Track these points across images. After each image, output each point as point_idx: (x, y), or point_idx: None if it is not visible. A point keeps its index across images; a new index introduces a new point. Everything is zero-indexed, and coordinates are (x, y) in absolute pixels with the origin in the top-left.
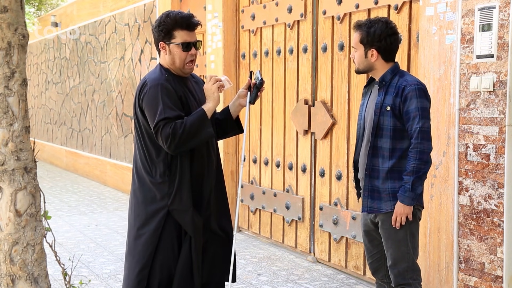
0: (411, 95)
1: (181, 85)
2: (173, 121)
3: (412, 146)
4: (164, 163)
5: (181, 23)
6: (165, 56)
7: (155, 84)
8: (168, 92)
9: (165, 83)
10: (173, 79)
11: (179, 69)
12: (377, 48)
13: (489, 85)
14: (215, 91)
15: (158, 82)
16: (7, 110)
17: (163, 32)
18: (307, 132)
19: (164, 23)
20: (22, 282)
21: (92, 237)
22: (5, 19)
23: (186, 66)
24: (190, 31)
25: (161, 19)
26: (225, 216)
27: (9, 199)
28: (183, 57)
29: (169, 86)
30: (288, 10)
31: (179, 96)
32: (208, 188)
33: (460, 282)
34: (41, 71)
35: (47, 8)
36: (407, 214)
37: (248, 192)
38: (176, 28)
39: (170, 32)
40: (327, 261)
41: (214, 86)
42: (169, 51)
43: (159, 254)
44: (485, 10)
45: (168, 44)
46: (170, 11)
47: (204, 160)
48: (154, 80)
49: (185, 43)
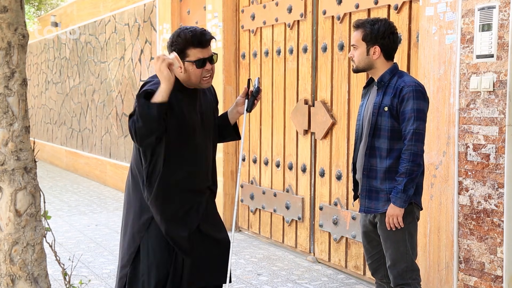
0: (408, 96)
1: (185, 95)
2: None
3: (405, 148)
4: (147, 169)
5: (193, 41)
6: (180, 74)
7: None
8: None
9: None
10: (178, 89)
11: (195, 85)
12: (381, 45)
13: (489, 85)
14: (164, 70)
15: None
16: (7, 110)
17: (176, 51)
18: (307, 132)
19: (176, 43)
20: (22, 282)
21: (92, 237)
22: (5, 19)
23: (203, 80)
24: (203, 48)
25: (173, 39)
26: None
27: (9, 199)
28: (198, 74)
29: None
30: (288, 10)
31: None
32: (199, 196)
33: (460, 282)
34: (41, 71)
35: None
36: (397, 216)
37: (248, 192)
38: (189, 47)
39: (183, 51)
40: (327, 261)
41: (162, 65)
42: (184, 69)
43: (143, 256)
44: (485, 10)
45: (183, 63)
46: (181, 29)
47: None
48: (151, 83)
49: (199, 61)
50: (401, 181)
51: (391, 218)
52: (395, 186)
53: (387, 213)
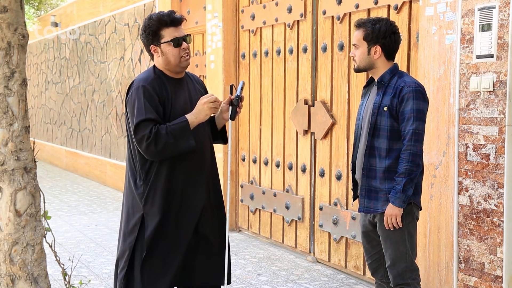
0: (408, 96)
1: (172, 87)
2: (154, 123)
3: (404, 148)
4: (143, 167)
5: (165, 21)
6: (158, 59)
7: (138, 86)
8: (150, 95)
9: (148, 86)
10: (164, 81)
11: (175, 66)
12: (382, 44)
13: (489, 85)
14: (206, 110)
15: (141, 84)
16: (7, 110)
17: (151, 35)
18: (307, 132)
19: (149, 25)
20: (22, 282)
21: (92, 237)
22: (5, 19)
23: (182, 59)
24: (176, 27)
25: (145, 24)
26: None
27: (9, 199)
28: (176, 54)
29: (150, 90)
30: (288, 10)
31: (162, 101)
32: (200, 195)
33: (460, 282)
34: (41, 71)
35: (47, 8)
36: (396, 216)
37: (248, 192)
38: (162, 27)
39: (157, 33)
40: (327, 261)
41: (206, 106)
42: (161, 52)
43: (137, 251)
44: (485, 10)
45: (159, 45)
46: (151, 14)
47: (196, 165)
48: (139, 80)
49: (175, 39)
50: (400, 181)
51: (390, 218)
52: (394, 186)
53: (385, 212)
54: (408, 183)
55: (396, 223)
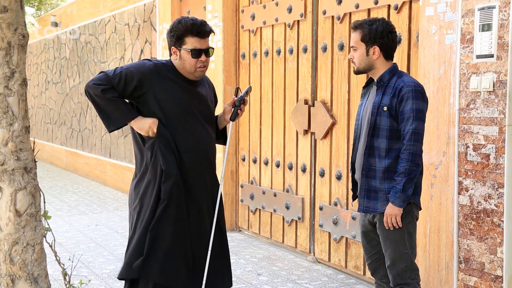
0: (407, 96)
1: (179, 81)
2: (109, 82)
3: (404, 148)
4: (150, 151)
5: (192, 30)
6: (175, 61)
7: (145, 60)
8: (133, 75)
9: (147, 66)
10: (172, 75)
11: (188, 73)
12: (380, 44)
13: (489, 85)
14: (147, 129)
15: (147, 62)
16: (7, 110)
17: (175, 37)
18: (307, 132)
19: (175, 29)
20: (22, 282)
21: (92, 237)
22: (5, 19)
23: (198, 69)
24: (201, 38)
25: (174, 25)
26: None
27: (9, 199)
28: (193, 63)
29: (143, 69)
30: (288, 10)
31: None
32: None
33: (460, 282)
34: (41, 71)
35: (47, 8)
36: (396, 216)
37: (248, 192)
38: (187, 35)
39: (181, 38)
40: (327, 261)
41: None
42: (180, 56)
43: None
44: (485, 10)
45: (179, 50)
46: (183, 17)
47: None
48: (152, 59)
49: (195, 50)
50: (400, 181)
51: (389, 217)
52: (394, 185)
53: (385, 212)
54: (408, 182)
55: (396, 222)
